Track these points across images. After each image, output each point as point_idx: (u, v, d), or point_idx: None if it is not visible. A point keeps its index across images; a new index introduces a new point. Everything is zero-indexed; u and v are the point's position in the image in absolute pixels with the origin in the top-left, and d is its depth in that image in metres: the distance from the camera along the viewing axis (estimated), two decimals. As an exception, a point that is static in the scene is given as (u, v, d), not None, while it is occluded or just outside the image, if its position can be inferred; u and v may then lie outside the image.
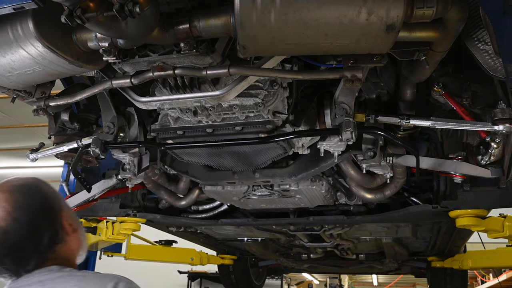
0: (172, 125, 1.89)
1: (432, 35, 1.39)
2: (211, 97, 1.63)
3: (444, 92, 1.82)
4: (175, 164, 2.37)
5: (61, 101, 1.79)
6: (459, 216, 2.42)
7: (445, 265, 4.34)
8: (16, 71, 1.48)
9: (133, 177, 2.25)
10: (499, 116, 1.67)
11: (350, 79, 1.53)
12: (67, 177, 3.16)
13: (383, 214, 2.57)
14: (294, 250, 4.51)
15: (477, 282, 8.54)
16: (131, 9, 1.09)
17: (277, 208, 2.70)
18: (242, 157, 2.05)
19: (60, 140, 2.13)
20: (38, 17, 1.33)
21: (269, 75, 1.59)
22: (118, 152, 2.15)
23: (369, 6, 1.16)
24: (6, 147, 9.10)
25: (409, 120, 1.77)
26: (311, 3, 1.15)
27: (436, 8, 1.24)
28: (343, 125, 1.71)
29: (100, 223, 3.82)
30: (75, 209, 2.49)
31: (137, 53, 1.52)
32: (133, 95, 1.77)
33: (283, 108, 1.82)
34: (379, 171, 2.17)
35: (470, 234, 3.56)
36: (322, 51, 1.35)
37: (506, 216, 2.86)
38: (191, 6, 1.39)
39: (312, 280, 13.06)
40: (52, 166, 9.24)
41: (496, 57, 1.45)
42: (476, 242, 3.96)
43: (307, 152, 2.08)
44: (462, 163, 1.99)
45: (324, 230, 3.27)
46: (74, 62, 1.46)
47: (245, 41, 1.27)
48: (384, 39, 1.25)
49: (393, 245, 3.89)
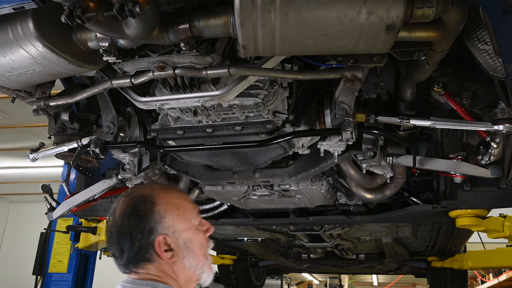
0: (172, 125, 1.89)
1: (432, 35, 1.39)
2: (211, 97, 1.63)
3: (444, 92, 1.82)
4: (175, 164, 2.37)
5: (61, 101, 1.79)
6: (459, 216, 2.42)
7: (445, 265, 4.34)
8: (16, 71, 1.48)
9: (133, 177, 2.25)
10: (499, 116, 1.67)
11: (350, 79, 1.53)
12: (67, 177, 3.18)
13: (383, 214, 2.57)
14: (294, 250, 4.51)
15: (477, 282, 8.54)
16: (131, 9, 1.10)
17: (277, 208, 2.70)
18: (242, 157, 2.05)
19: (60, 140, 2.13)
20: (38, 17, 1.33)
21: (269, 75, 1.59)
22: (118, 152, 2.15)
23: (369, 6, 1.16)
24: (6, 147, 9.09)
25: (409, 120, 1.77)
26: (311, 3, 1.15)
27: (436, 8, 1.24)
28: (343, 125, 1.71)
29: (100, 223, 3.83)
30: (75, 209, 2.50)
31: (137, 53, 1.52)
32: (133, 95, 1.77)
33: (283, 108, 1.82)
34: (379, 171, 2.17)
35: (470, 234, 3.56)
36: (322, 51, 1.34)
37: (506, 216, 2.86)
38: (191, 6, 1.39)
39: (312, 280, 13.07)
40: (52, 166, 9.25)
41: (496, 57, 1.45)
42: (476, 242, 3.96)
43: (307, 152, 2.08)
44: (462, 163, 1.99)
45: (324, 230, 3.27)
46: (74, 62, 1.46)
47: (245, 41, 1.27)
48: (384, 39, 1.25)
49: (393, 245, 3.89)
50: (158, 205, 1.32)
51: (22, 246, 11.77)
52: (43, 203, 2.56)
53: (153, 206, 1.31)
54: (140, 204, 1.32)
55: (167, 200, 1.35)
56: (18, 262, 11.55)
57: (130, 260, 1.29)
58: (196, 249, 1.34)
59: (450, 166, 2.01)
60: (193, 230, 1.36)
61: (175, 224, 1.32)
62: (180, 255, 1.31)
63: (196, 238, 1.35)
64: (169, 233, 1.30)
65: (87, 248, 4.19)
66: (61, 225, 4.27)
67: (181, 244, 1.31)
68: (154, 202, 1.32)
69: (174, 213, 1.33)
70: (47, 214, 2.53)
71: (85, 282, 4.53)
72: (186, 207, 1.39)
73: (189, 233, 1.34)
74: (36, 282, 4.32)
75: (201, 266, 1.35)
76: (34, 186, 6.69)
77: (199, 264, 1.35)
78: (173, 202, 1.36)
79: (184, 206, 1.38)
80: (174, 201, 1.36)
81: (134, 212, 1.31)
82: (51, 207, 2.54)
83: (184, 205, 1.38)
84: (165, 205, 1.33)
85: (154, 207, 1.31)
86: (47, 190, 2.63)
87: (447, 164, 2.01)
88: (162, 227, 1.29)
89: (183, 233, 1.32)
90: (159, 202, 1.33)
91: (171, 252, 1.29)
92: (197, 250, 1.34)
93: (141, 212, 1.30)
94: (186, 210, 1.37)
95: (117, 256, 1.32)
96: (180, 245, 1.31)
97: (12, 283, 11.30)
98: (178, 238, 1.31)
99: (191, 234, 1.34)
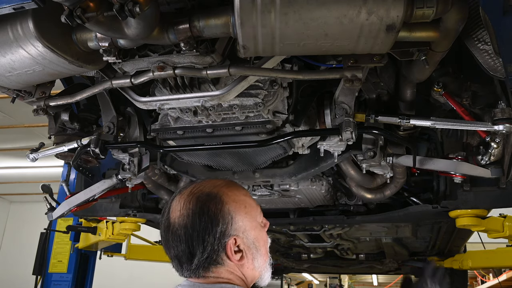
0: (172, 125, 1.89)
1: (432, 35, 1.39)
2: (211, 97, 1.63)
3: (444, 92, 1.82)
4: (175, 164, 2.37)
5: (61, 101, 1.79)
6: (459, 216, 2.42)
7: (445, 265, 4.34)
8: (16, 71, 1.48)
9: (133, 177, 2.25)
10: (499, 116, 1.67)
11: (350, 79, 1.54)
12: (67, 177, 3.17)
13: (383, 214, 2.57)
14: (294, 250, 4.51)
15: (477, 282, 8.53)
16: (131, 9, 1.10)
17: (277, 208, 2.70)
18: (242, 157, 2.05)
19: (60, 140, 2.13)
20: (38, 17, 1.33)
21: (269, 75, 1.59)
22: (118, 152, 2.15)
23: (369, 6, 1.16)
24: (6, 147, 9.09)
25: (409, 120, 1.77)
26: (311, 3, 1.15)
27: (436, 8, 1.24)
28: (343, 125, 1.71)
29: (100, 223, 3.83)
30: (75, 209, 2.50)
31: (137, 53, 1.52)
32: (133, 95, 1.77)
33: (283, 108, 1.82)
34: (379, 171, 2.17)
35: (470, 234, 3.56)
36: (322, 51, 1.34)
37: (506, 216, 2.86)
38: (191, 6, 1.39)
39: (312, 280, 13.07)
40: (52, 166, 9.25)
41: (496, 57, 1.45)
42: (476, 242, 3.96)
43: (307, 152, 2.08)
44: (462, 163, 1.99)
45: (324, 230, 3.28)
46: (74, 62, 1.46)
47: (245, 41, 1.27)
48: (384, 39, 1.25)
49: (393, 245, 3.90)
50: (227, 204, 1.24)
51: (22, 246, 11.77)
52: (43, 203, 2.56)
53: (223, 206, 1.23)
54: (208, 204, 1.23)
55: (234, 198, 1.27)
56: (18, 262, 11.54)
57: (200, 265, 1.21)
58: (262, 248, 1.29)
59: (450, 166, 2.01)
60: (259, 228, 1.30)
61: (244, 224, 1.25)
62: (249, 256, 1.25)
63: (261, 237, 1.30)
64: (239, 234, 1.23)
65: (87, 248, 4.19)
66: (61, 225, 4.27)
67: (251, 244, 1.26)
68: (222, 201, 1.24)
69: (243, 212, 1.26)
70: (47, 214, 2.52)
71: (85, 282, 4.53)
72: (252, 204, 1.31)
73: (256, 231, 1.28)
74: (36, 282, 4.31)
75: (266, 265, 1.30)
76: (34, 186, 6.69)
77: (265, 263, 1.30)
78: (240, 200, 1.28)
79: (250, 204, 1.30)
80: (241, 199, 1.29)
81: (204, 212, 1.21)
82: (51, 207, 2.54)
83: (249, 202, 1.31)
84: (234, 204, 1.25)
85: (223, 206, 1.23)
86: (47, 190, 2.63)
87: (447, 164, 2.01)
88: (234, 228, 1.22)
89: (251, 233, 1.26)
90: (227, 201, 1.25)
91: (240, 253, 1.23)
92: (263, 249, 1.29)
93: (211, 212, 1.21)
94: (252, 207, 1.30)
95: (184, 260, 1.23)
96: (250, 246, 1.25)
97: (12, 283, 11.30)
98: (247, 239, 1.25)
99: (257, 233, 1.28)
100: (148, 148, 2.14)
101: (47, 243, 4.42)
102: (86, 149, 1.98)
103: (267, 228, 1.36)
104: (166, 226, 1.26)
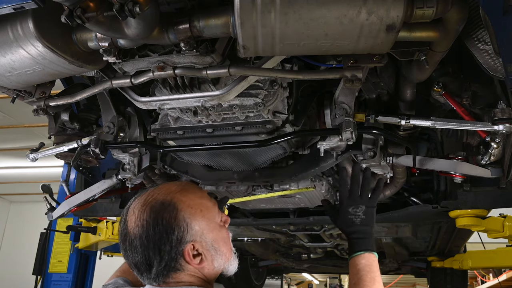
0: (172, 125, 1.89)
1: (432, 35, 1.39)
2: (211, 97, 1.63)
3: (444, 92, 1.82)
4: (175, 164, 2.37)
5: (61, 101, 1.79)
6: (459, 216, 2.42)
7: (445, 265, 4.34)
8: (16, 71, 1.48)
9: (133, 177, 2.25)
10: (499, 116, 1.66)
11: (350, 79, 1.54)
12: (67, 177, 3.17)
13: (383, 214, 2.57)
14: (294, 250, 4.51)
15: (477, 282, 8.54)
16: (131, 9, 1.09)
17: (277, 208, 2.70)
18: (242, 157, 2.05)
19: (60, 140, 2.13)
20: (38, 17, 1.33)
21: (269, 75, 1.59)
22: (118, 152, 2.15)
23: (369, 6, 1.16)
24: (6, 147, 9.10)
25: (409, 120, 1.77)
26: (311, 3, 1.15)
27: (436, 8, 1.24)
28: (343, 125, 1.71)
29: (100, 223, 3.84)
30: (75, 209, 2.50)
31: (137, 53, 1.52)
32: (133, 95, 1.77)
33: (283, 108, 1.82)
34: (379, 171, 2.17)
35: (470, 234, 3.57)
36: (322, 51, 1.34)
37: (506, 216, 2.86)
38: (191, 6, 1.39)
39: (312, 280, 13.08)
40: (52, 166, 9.26)
41: (496, 57, 1.45)
42: (476, 242, 3.97)
43: (307, 152, 2.08)
44: (462, 163, 1.99)
45: (324, 230, 3.28)
46: (74, 62, 1.46)
47: (245, 41, 1.27)
48: (384, 39, 1.25)
49: (393, 245, 3.90)
50: (182, 211, 1.24)
51: (22, 246, 11.77)
52: (43, 203, 2.56)
53: (177, 213, 1.24)
54: (163, 213, 1.23)
55: (189, 203, 1.27)
56: (18, 262, 11.55)
57: (159, 273, 1.22)
58: (222, 247, 1.30)
59: (450, 166, 2.01)
60: (218, 228, 1.31)
61: (201, 228, 1.26)
62: (209, 258, 1.26)
63: (220, 236, 1.30)
64: (197, 239, 1.24)
65: (87, 248, 4.20)
66: (61, 225, 4.27)
67: (209, 247, 1.27)
68: (177, 208, 1.24)
69: (199, 216, 1.27)
70: (47, 214, 2.52)
71: (85, 282, 4.53)
72: (208, 206, 1.32)
73: (214, 233, 1.28)
74: (36, 282, 4.32)
75: (229, 262, 1.32)
76: (34, 186, 6.69)
77: (228, 261, 1.31)
78: (195, 204, 1.29)
79: (206, 206, 1.31)
80: (196, 203, 1.29)
81: (157, 223, 1.22)
82: (51, 207, 2.54)
83: (206, 204, 1.32)
84: (189, 210, 1.26)
85: (178, 214, 1.24)
86: (47, 190, 2.63)
87: (447, 164, 2.01)
88: (190, 234, 1.23)
89: (209, 235, 1.27)
90: (182, 207, 1.25)
91: (199, 256, 1.25)
92: (223, 248, 1.30)
93: (166, 222, 1.22)
94: (208, 209, 1.31)
95: (143, 269, 1.24)
96: (209, 248, 1.26)
97: (12, 283, 11.30)
98: (205, 242, 1.26)
99: (216, 234, 1.29)
100: (148, 148, 2.14)
101: (47, 243, 4.43)
102: (86, 149, 1.98)
103: (228, 224, 1.37)
104: (123, 236, 1.27)
